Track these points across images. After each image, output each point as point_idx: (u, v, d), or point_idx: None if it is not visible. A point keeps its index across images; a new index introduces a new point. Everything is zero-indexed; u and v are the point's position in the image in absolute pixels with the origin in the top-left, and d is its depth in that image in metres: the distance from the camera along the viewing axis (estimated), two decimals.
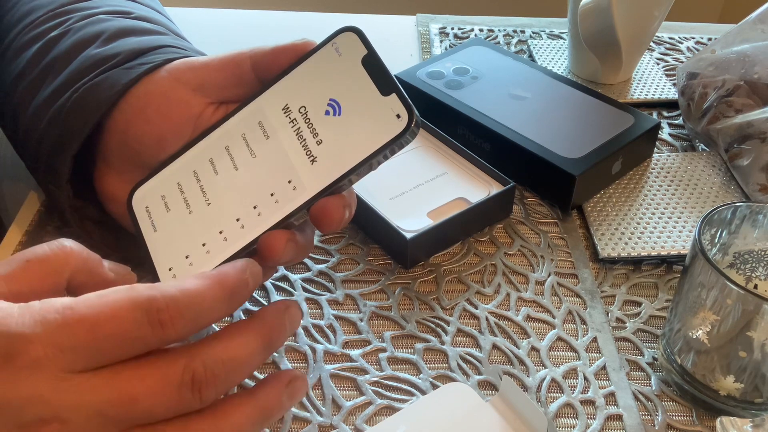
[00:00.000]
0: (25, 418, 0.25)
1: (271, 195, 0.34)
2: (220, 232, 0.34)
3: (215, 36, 0.69)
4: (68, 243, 0.30)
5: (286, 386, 0.30)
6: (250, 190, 0.34)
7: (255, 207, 0.34)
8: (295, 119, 0.35)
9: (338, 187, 0.33)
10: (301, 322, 0.41)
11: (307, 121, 0.34)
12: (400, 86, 0.33)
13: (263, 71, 0.37)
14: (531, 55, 0.67)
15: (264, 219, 0.33)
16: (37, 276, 0.29)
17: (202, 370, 0.27)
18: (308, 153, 0.34)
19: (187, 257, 0.34)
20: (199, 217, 0.35)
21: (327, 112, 0.34)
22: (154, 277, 0.35)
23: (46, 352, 0.25)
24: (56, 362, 0.25)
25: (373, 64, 0.34)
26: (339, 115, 0.34)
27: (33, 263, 0.29)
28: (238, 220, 0.34)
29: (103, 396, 0.26)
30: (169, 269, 0.34)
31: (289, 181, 0.34)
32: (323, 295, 0.43)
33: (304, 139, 0.34)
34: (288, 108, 0.35)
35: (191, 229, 0.35)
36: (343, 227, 0.35)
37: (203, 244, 0.34)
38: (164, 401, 0.26)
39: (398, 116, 0.32)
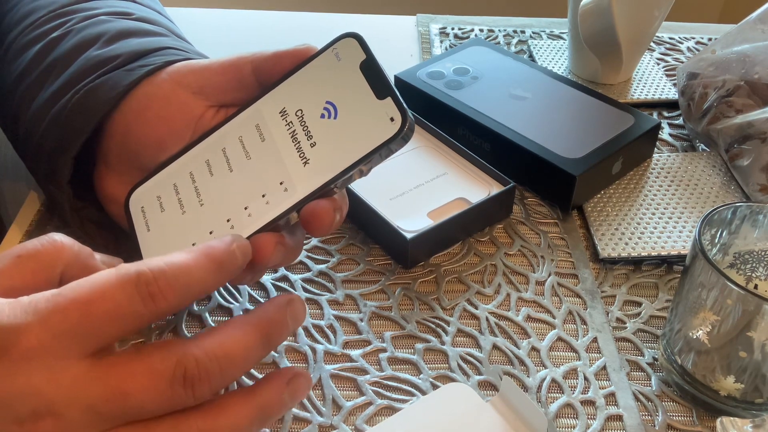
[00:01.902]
0: (21, 412, 0.25)
1: (263, 196, 0.34)
2: (211, 233, 0.34)
3: (215, 36, 0.69)
4: (59, 237, 0.30)
5: (287, 384, 0.30)
6: (243, 191, 0.35)
7: (246, 208, 0.34)
8: (291, 122, 0.35)
9: (329, 189, 0.33)
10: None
11: (303, 123, 0.35)
12: (396, 90, 0.33)
13: (264, 75, 0.37)
14: (531, 55, 0.67)
15: (254, 220, 0.34)
16: (29, 271, 0.28)
17: (194, 365, 0.27)
18: (301, 155, 0.34)
19: None
20: (192, 217, 0.35)
21: (323, 115, 0.34)
22: None
23: (40, 339, 0.25)
24: (51, 350, 0.25)
25: (370, 68, 0.34)
26: (335, 118, 0.34)
27: (24, 259, 0.29)
28: (228, 220, 0.34)
29: (96, 391, 0.25)
30: None
31: (281, 183, 0.34)
32: (323, 295, 0.43)
33: (299, 142, 0.34)
34: (285, 111, 0.35)
35: (183, 229, 0.35)
36: (334, 230, 0.34)
37: (193, 244, 0.34)
38: (156, 397, 0.26)
39: (392, 119, 0.32)
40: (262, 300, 0.43)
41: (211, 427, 0.27)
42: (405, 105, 0.32)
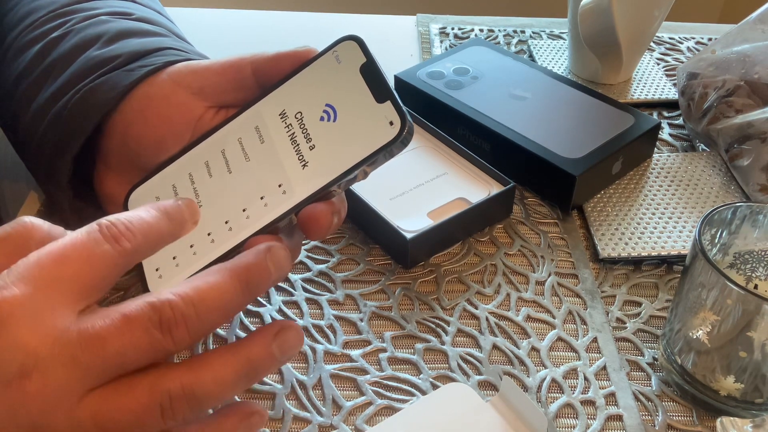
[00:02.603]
0: (8, 371, 0.25)
1: (261, 198, 0.34)
2: (208, 234, 0.34)
3: (215, 36, 0.69)
4: (28, 219, 0.30)
5: (274, 337, 0.29)
6: (241, 193, 0.35)
7: (244, 210, 0.34)
8: (290, 124, 0.35)
9: (328, 192, 0.33)
10: (302, 315, 0.41)
11: (302, 126, 0.35)
12: (395, 94, 0.33)
13: (264, 77, 0.37)
14: (531, 55, 0.67)
15: (252, 222, 0.34)
16: (3, 255, 0.28)
17: (169, 309, 0.27)
18: (300, 158, 0.34)
19: (174, 258, 0.34)
20: None
21: (322, 118, 0.34)
22: (141, 278, 0.35)
23: (22, 291, 0.25)
24: (33, 300, 0.25)
25: (370, 71, 0.34)
26: (334, 121, 0.34)
27: None
28: (226, 222, 0.34)
29: (75, 339, 0.26)
30: (156, 269, 0.34)
31: (279, 185, 0.34)
32: (323, 295, 0.43)
33: (298, 144, 0.34)
34: (285, 113, 0.35)
35: None
36: (331, 233, 0.34)
37: (191, 246, 0.34)
38: (134, 342, 0.26)
39: (391, 123, 0.32)
40: (261, 300, 0.43)
41: (195, 380, 0.27)
42: (404, 109, 0.32)
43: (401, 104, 0.33)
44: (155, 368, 0.27)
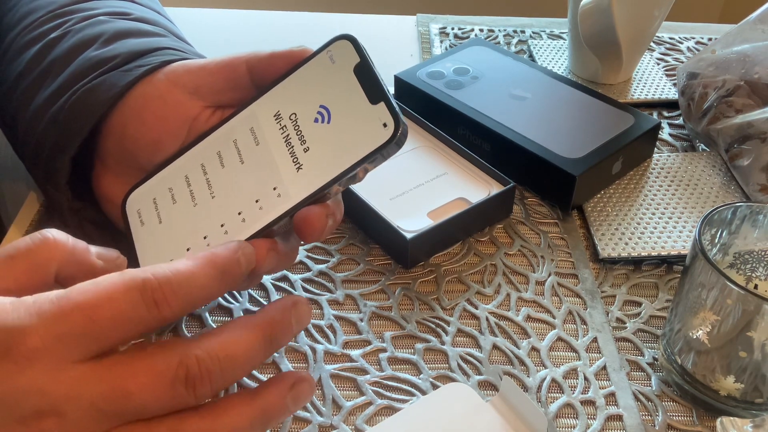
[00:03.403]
0: (24, 412, 0.25)
1: (256, 201, 0.34)
2: (205, 237, 0.34)
3: (215, 36, 0.69)
4: (51, 234, 0.29)
5: (290, 388, 0.30)
6: (237, 195, 0.34)
7: (240, 213, 0.34)
8: (285, 126, 0.35)
9: (323, 195, 0.33)
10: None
11: (297, 128, 0.34)
12: (389, 95, 0.33)
13: (259, 76, 0.37)
14: (531, 55, 0.67)
15: (247, 225, 0.33)
16: (23, 272, 0.28)
17: (196, 365, 0.27)
18: (295, 160, 0.34)
19: (171, 260, 0.34)
20: (187, 220, 0.35)
21: (316, 120, 0.34)
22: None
23: (44, 342, 0.25)
24: (54, 352, 0.25)
25: (364, 72, 0.34)
26: (328, 122, 0.34)
27: (17, 259, 0.28)
28: (222, 225, 0.34)
29: (98, 389, 0.25)
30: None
31: (274, 188, 0.34)
32: (323, 295, 0.43)
33: (292, 147, 0.34)
34: (279, 114, 0.35)
35: (178, 232, 0.35)
36: (327, 236, 0.34)
37: (188, 249, 0.34)
38: (157, 396, 0.26)
39: (385, 125, 0.32)
40: (262, 300, 0.43)
41: (211, 428, 0.27)
42: (398, 110, 0.32)
43: (395, 105, 0.32)
44: (172, 414, 0.27)
